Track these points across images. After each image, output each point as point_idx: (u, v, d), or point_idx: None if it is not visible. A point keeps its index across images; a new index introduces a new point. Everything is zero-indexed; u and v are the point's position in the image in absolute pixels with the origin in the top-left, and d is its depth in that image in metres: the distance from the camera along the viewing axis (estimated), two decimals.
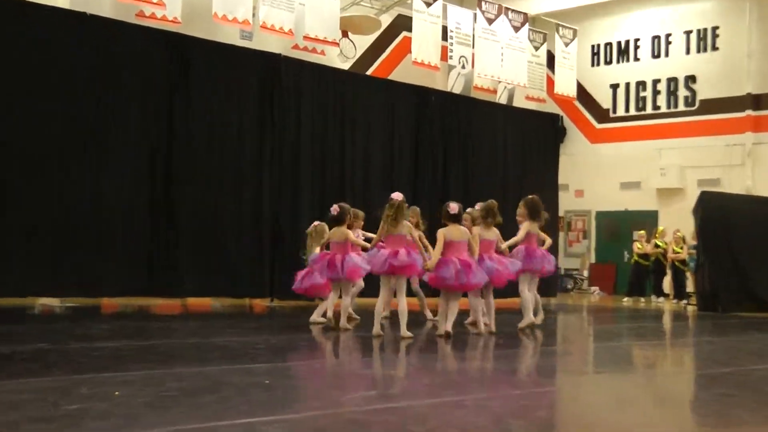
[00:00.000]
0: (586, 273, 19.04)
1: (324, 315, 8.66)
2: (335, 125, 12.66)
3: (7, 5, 9.59)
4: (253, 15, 11.68)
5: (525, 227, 8.57)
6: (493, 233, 8.41)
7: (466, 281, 7.65)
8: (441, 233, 7.77)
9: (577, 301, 16.16)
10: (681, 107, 17.92)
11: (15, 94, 9.45)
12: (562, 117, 18.06)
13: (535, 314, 9.01)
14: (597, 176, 18.75)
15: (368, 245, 8.47)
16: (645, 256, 16.33)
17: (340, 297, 8.34)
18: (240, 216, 11.46)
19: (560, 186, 16.57)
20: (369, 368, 6.03)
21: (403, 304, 7.59)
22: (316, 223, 8.93)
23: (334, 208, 8.22)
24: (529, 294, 8.49)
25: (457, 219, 7.84)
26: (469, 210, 9.54)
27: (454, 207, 7.90)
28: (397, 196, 7.68)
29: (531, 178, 15.28)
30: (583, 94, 18.32)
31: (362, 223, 9.59)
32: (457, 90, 15.00)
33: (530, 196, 8.77)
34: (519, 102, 16.55)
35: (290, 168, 12.05)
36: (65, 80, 9.84)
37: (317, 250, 8.54)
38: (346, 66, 15.23)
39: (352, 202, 10.14)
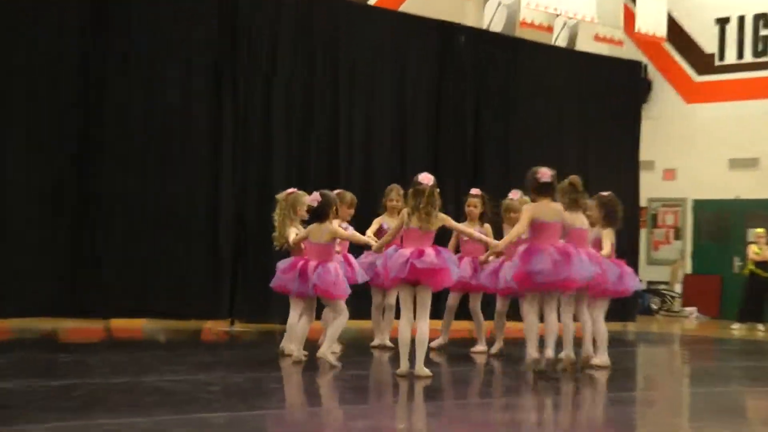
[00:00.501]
0: (678, 288, 19.09)
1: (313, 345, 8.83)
2: (324, 77, 12.72)
3: None
4: None
5: (609, 236, 8.66)
6: (582, 222, 8.50)
7: (567, 276, 7.83)
8: (528, 211, 7.98)
9: (665, 327, 16.19)
10: None
11: None
12: (646, 66, 18.08)
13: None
14: (695, 150, 18.76)
15: (369, 241, 8.56)
16: (765, 264, 16.31)
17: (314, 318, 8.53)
18: (188, 207, 11.57)
19: (642, 164, 16.57)
20: (370, 420, 6.10)
21: (425, 327, 7.69)
22: (290, 190, 8.98)
23: (314, 198, 8.27)
24: (600, 324, 8.60)
25: (549, 191, 8.06)
26: (513, 197, 9.60)
27: (545, 173, 8.09)
28: (425, 178, 7.78)
29: (600, 152, 15.33)
30: (676, 32, 18.31)
31: (352, 211, 9.66)
32: (497, 27, 15.05)
33: (606, 195, 8.86)
34: (585, 44, 16.58)
35: (260, 140, 12.12)
36: None
37: (292, 232, 8.60)
38: None
39: (348, 188, 10.21)
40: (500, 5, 15.19)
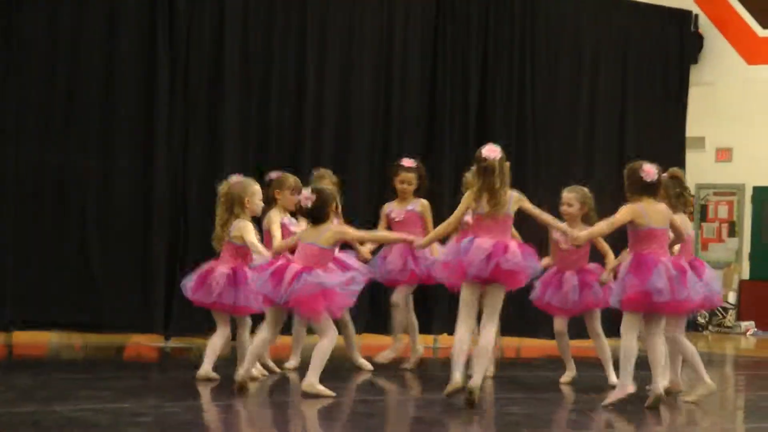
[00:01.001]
0: (732, 298, 19.14)
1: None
2: (287, 34, 12.72)
3: None
4: None
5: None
6: (688, 226, 8.84)
7: (687, 296, 8.10)
8: (628, 213, 8.14)
9: (714, 346, 16.25)
10: None
11: None
12: (696, 16, 18.07)
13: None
14: (757, 125, 18.80)
15: (405, 237, 8.78)
16: None
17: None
18: (112, 196, 11.56)
19: (690, 141, 16.60)
20: None
21: (492, 335, 7.99)
22: (236, 179, 9.03)
23: (306, 197, 8.34)
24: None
25: (654, 191, 8.24)
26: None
27: (649, 170, 8.24)
28: (491, 151, 8.01)
29: (637, 125, 15.36)
30: None
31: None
32: None
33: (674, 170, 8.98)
34: None
35: (205, 115, 12.13)
36: None
37: (250, 235, 8.68)
38: None
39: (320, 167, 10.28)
40: None
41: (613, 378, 9.23)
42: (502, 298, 8.02)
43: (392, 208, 10.41)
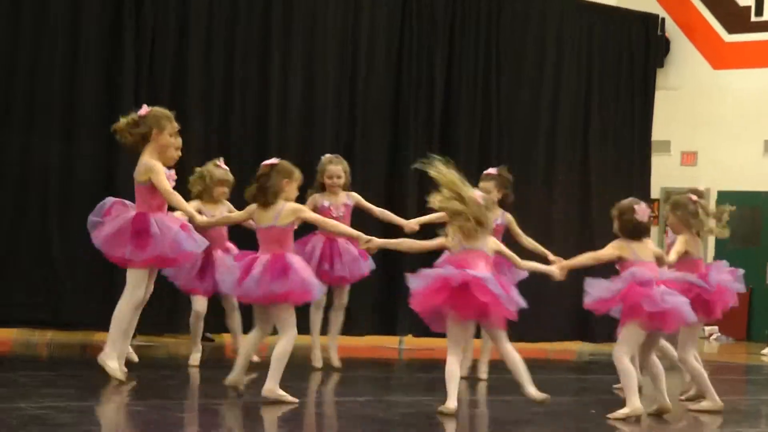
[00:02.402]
0: None
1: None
2: (251, 25, 12.71)
3: None
4: None
5: (683, 243, 8.93)
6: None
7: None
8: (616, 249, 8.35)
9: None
10: None
11: None
12: (663, 20, 18.15)
13: None
14: (723, 129, 18.93)
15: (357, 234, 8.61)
16: None
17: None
18: (73, 186, 11.52)
19: (655, 144, 16.66)
20: None
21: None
22: (215, 165, 8.97)
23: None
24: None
25: (647, 232, 8.53)
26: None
27: (643, 210, 8.52)
28: None
29: (602, 129, 15.40)
30: None
31: (226, 189, 9.99)
32: None
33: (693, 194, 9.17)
34: None
35: (168, 103, 11.98)
36: None
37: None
38: None
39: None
40: None
41: None
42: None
43: (327, 202, 10.41)
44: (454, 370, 7.82)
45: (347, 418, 7.72)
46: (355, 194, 10.61)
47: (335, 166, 10.49)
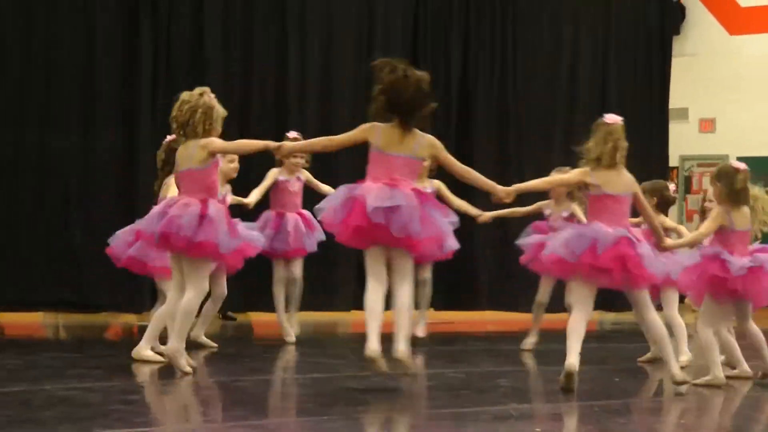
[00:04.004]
0: None
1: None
2: (268, 12, 12.80)
3: None
4: None
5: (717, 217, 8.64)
6: None
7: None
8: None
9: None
10: None
11: None
12: None
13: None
14: (741, 95, 18.84)
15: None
16: None
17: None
18: (92, 168, 11.56)
19: (673, 112, 16.64)
20: None
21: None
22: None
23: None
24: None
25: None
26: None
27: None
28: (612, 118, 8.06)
29: (619, 97, 15.39)
30: None
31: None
32: None
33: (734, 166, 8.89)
34: None
35: (187, 81, 12.09)
36: None
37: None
38: None
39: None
40: None
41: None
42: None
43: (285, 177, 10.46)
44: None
45: (371, 391, 7.75)
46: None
47: None
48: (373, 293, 7.36)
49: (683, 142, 18.30)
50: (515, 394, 7.74)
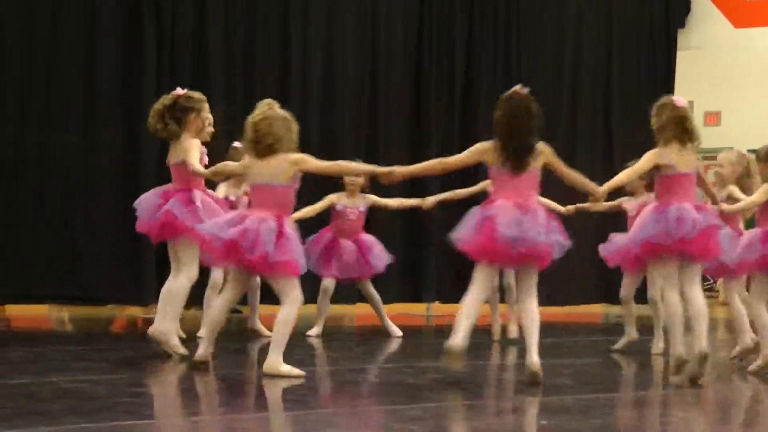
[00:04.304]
0: None
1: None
2: (271, 8, 12.78)
3: None
4: None
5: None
6: None
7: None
8: None
9: (712, 311, 16.30)
10: None
11: None
12: None
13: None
14: (746, 87, 18.82)
15: None
16: None
17: None
18: (97, 165, 11.60)
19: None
20: None
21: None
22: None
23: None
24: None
25: None
26: None
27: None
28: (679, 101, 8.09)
29: (624, 90, 15.39)
30: None
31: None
32: None
33: None
34: None
35: (189, 89, 12.10)
36: None
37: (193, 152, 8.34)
38: None
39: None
40: None
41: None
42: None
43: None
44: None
45: (377, 385, 7.74)
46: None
47: None
48: (477, 303, 7.66)
49: None
50: (521, 387, 7.72)
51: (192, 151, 8.21)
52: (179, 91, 8.46)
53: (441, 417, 6.62)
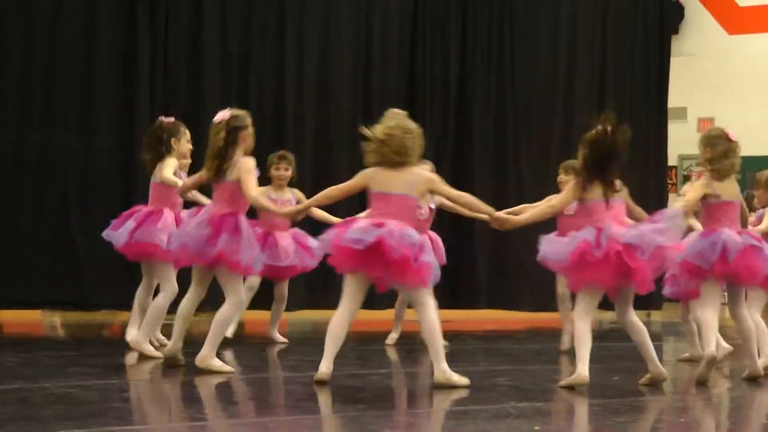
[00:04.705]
0: None
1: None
2: (266, 9, 12.85)
3: None
4: None
5: None
6: None
7: None
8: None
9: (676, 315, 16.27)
10: None
11: None
12: None
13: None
14: (739, 94, 18.84)
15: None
16: None
17: None
18: (90, 168, 11.54)
19: (671, 111, 16.64)
20: None
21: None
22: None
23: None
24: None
25: None
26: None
27: None
28: None
29: (618, 96, 15.41)
30: None
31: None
32: None
33: None
34: None
35: (185, 92, 12.13)
36: None
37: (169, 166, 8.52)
38: None
39: (301, 160, 10.31)
40: None
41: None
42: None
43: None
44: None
45: (370, 390, 7.74)
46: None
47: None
48: (588, 330, 7.79)
49: (682, 141, 18.27)
50: (514, 393, 7.71)
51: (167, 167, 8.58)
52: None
53: (434, 422, 6.61)
